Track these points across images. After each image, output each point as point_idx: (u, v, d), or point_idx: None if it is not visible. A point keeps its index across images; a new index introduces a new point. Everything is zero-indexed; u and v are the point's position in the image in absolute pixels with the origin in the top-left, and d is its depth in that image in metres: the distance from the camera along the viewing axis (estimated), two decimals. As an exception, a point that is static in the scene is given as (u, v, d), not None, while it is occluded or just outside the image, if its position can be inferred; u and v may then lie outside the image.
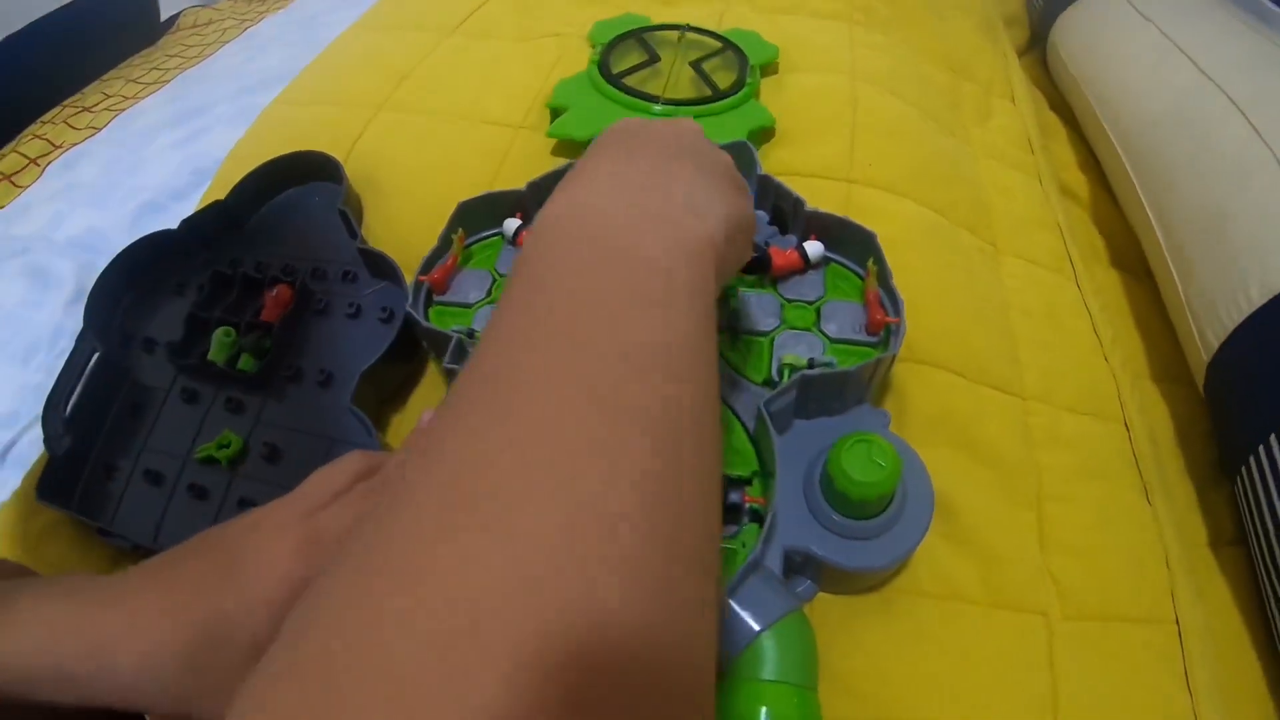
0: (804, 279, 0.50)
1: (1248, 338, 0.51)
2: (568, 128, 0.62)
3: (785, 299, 0.49)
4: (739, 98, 0.64)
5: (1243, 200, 0.55)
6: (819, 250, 0.50)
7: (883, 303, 0.47)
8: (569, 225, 0.28)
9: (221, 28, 1.17)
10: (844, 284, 0.50)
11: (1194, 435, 0.57)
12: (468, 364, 0.24)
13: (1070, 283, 0.62)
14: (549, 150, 0.64)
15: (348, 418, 0.46)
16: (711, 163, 0.34)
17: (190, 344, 0.52)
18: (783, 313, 0.48)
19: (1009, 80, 0.85)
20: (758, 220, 0.53)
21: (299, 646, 0.18)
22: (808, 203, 0.51)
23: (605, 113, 0.63)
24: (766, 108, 0.64)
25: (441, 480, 0.21)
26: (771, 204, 0.53)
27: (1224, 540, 0.53)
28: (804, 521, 0.40)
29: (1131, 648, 0.43)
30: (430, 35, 0.78)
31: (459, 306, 0.51)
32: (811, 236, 0.50)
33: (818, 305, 0.49)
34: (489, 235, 0.55)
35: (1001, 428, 0.49)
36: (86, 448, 0.51)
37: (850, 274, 0.50)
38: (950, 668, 0.40)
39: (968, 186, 0.65)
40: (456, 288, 0.51)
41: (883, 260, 0.47)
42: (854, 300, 0.49)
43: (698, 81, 0.66)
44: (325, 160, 0.59)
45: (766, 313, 0.48)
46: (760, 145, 0.63)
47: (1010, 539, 0.45)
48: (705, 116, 0.63)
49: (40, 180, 0.85)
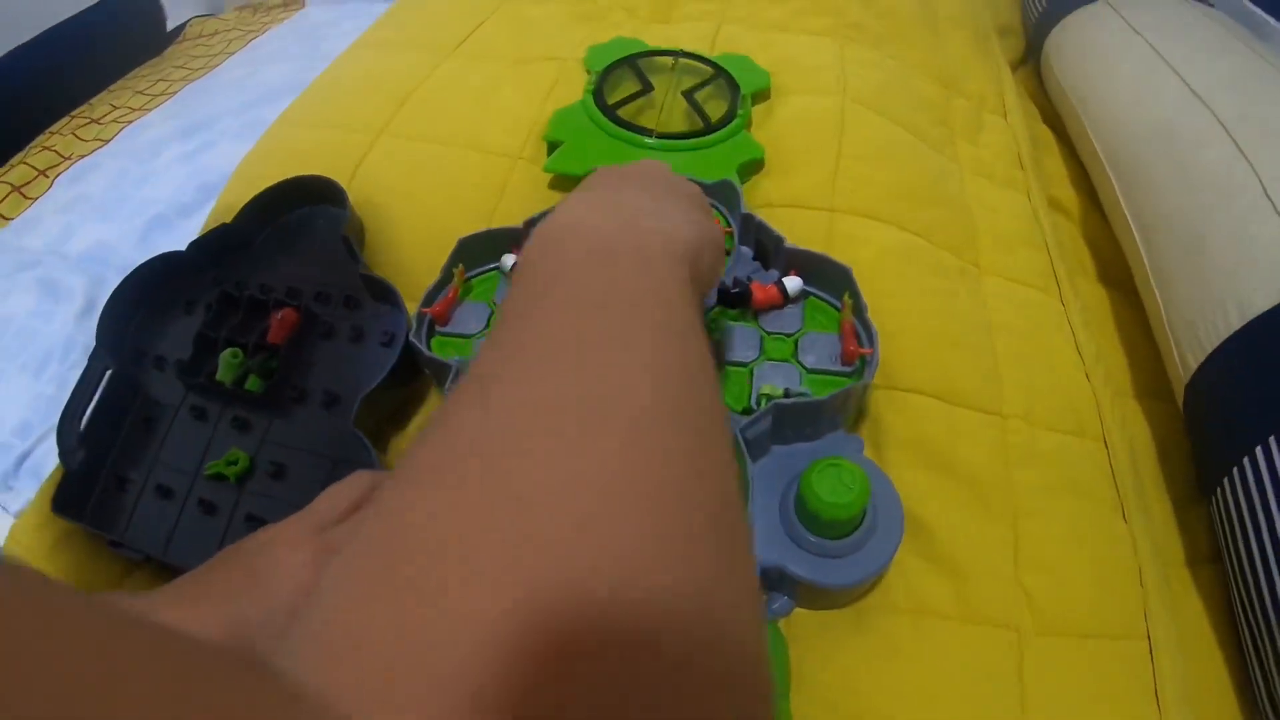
0: (783, 313, 0.52)
1: (1225, 360, 0.51)
2: (564, 163, 0.64)
3: (765, 331, 0.51)
4: (730, 129, 0.66)
5: (1224, 221, 0.56)
6: (798, 285, 0.52)
7: (857, 334, 0.49)
8: (565, 234, 0.30)
9: (227, 39, 1.19)
10: (822, 316, 0.52)
11: (1175, 453, 0.58)
12: (482, 351, 0.26)
13: (1055, 300, 0.64)
14: (546, 184, 0.65)
15: (351, 439, 0.48)
16: (681, 192, 0.38)
17: (199, 363, 0.55)
18: (762, 344, 0.51)
19: (1001, 94, 0.85)
20: (741, 256, 0.56)
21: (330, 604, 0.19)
22: (787, 240, 0.53)
23: (600, 147, 0.65)
24: (756, 140, 0.66)
25: (445, 442, 0.22)
26: (754, 240, 0.56)
27: (1201, 559, 0.54)
28: (780, 541, 0.42)
29: (1102, 663, 0.44)
30: (429, 56, 0.80)
31: (459, 337, 0.53)
32: (791, 272, 0.53)
33: (796, 337, 0.51)
34: (488, 269, 0.57)
35: (977, 447, 0.51)
36: (100, 462, 0.53)
37: (828, 306, 0.53)
38: (921, 681, 0.42)
39: (952, 207, 0.66)
40: (457, 319, 0.54)
41: (858, 294, 0.50)
42: (831, 332, 0.51)
43: (690, 114, 0.68)
44: (329, 185, 0.61)
45: (747, 344, 0.50)
46: (750, 177, 0.65)
47: (984, 555, 0.46)
48: (697, 150, 0.65)
49: (49, 192, 0.87)
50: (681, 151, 0.64)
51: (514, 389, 0.23)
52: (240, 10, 1.31)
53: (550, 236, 0.30)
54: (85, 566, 0.51)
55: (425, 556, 0.18)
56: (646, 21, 0.85)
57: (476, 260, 0.56)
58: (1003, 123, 0.81)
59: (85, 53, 1.13)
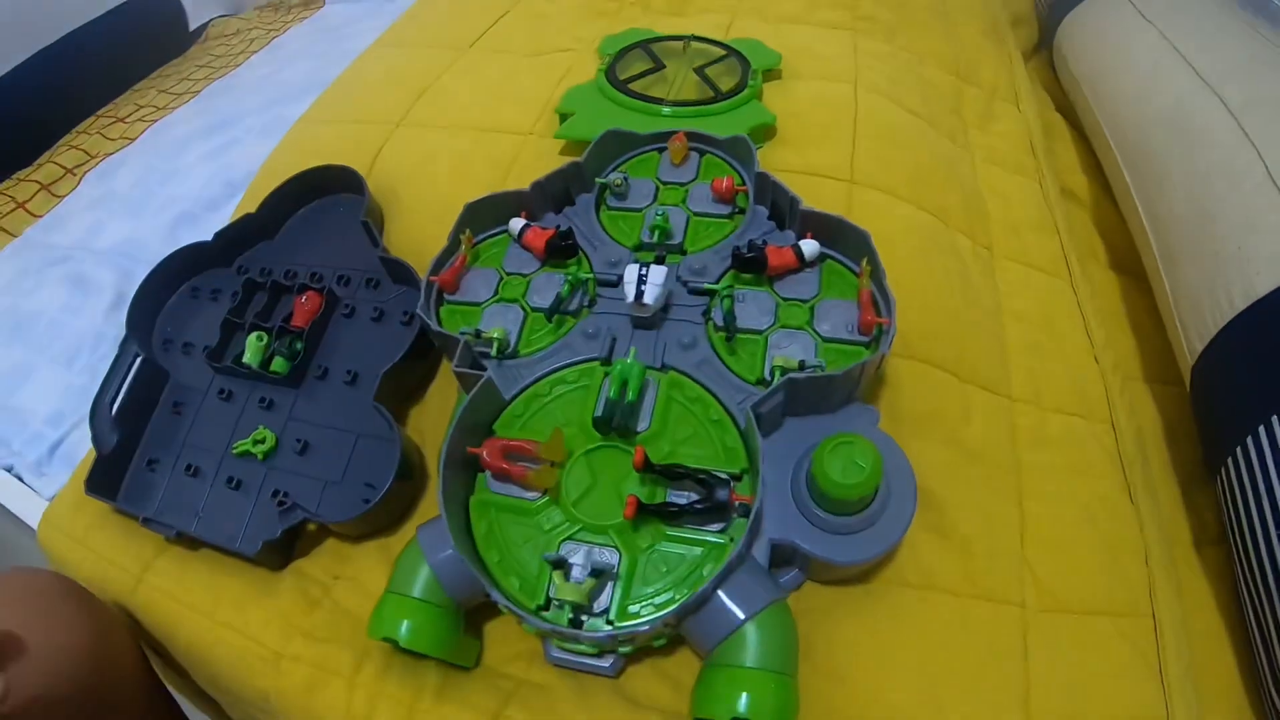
0: (799, 277, 0.51)
1: (1229, 342, 0.52)
2: (575, 129, 0.65)
3: (781, 297, 0.50)
4: (741, 98, 0.67)
5: (1229, 204, 0.56)
6: (815, 249, 0.51)
7: (875, 303, 0.48)
8: None
9: (248, 38, 1.21)
10: (839, 281, 0.51)
11: (1183, 435, 0.59)
12: None
13: (1066, 285, 0.64)
14: (557, 152, 0.67)
15: (372, 414, 0.50)
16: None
17: (225, 347, 0.57)
18: (777, 311, 0.50)
19: (1013, 83, 0.86)
20: (757, 216, 0.55)
21: None
22: (804, 201, 0.51)
23: (612, 115, 0.66)
24: (768, 108, 0.67)
25: None
26: (769, 200, 0.55)
27: (1208, 540, 0.54)
28: (791, 516, 0.42)
29: (1106, 640, 0.45)
30: (447, 53, 0.82)
31: (468, 305, 0.53)
32: (807, 235, 0.51)
33: (812, 304, 0.50)
34: (497, 233, 0.58)
35: (987, 426, 0.52)
36: (131, 444, 0.56)
37: (846, 271, 0.51)
38: (926, 654, 0.43)
39: (965, 192, 0.67)
40: (466, 287, 0.54)
41: (876, 259, 0.48)
42: (848, 299, 0.49)
43: (701, 86, 0.69)
44: (348, 173, 0.63)
45: (762, 311, 0.49)
46: (761, 143, 0.65)
47: (992, 533, 0.47)
48: (708, 116, 0.65)
49: (77, 189, 0.90)
50: (694, 118, 0.65)
51: None
52: (261, 10, 1.33)
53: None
54: (117, 546, 0.53)
55: None
56: (661, 15, 0.86)
57: (484, 226, 0.57)
58: (1015, 111, 0.82)
59: (109, 54, 1.15)
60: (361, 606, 0.47)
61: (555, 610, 0.40)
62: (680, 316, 0.50)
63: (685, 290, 0.51)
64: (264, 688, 0.46)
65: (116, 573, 0.53)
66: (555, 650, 0.42)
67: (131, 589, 0.52)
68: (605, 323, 0.50)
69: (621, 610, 0.40)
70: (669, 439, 0.45)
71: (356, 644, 0.46)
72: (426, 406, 0.56)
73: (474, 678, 0.44)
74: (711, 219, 0.56)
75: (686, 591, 0.39)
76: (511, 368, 0.49)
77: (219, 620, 0.49)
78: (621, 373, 0.45)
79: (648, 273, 0.47)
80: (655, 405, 0.46)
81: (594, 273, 0.53)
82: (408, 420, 0.55)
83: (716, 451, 0.44)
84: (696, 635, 0.40)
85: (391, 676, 0.44)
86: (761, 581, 0.40)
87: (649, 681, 0.43)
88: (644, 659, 0.44)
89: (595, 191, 0.58)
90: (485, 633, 0.46)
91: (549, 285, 0.53)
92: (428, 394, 0.56)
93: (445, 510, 0.41)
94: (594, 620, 0.40)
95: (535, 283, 0.53)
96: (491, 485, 0.44)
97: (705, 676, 0.39)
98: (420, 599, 0.41)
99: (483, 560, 0.42)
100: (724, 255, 0.52)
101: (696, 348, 0.48)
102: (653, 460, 0.42)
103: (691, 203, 0.57)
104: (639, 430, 0.45)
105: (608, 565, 0.40)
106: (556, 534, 0.42)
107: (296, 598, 0.49)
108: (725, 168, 0.59)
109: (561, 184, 0.57)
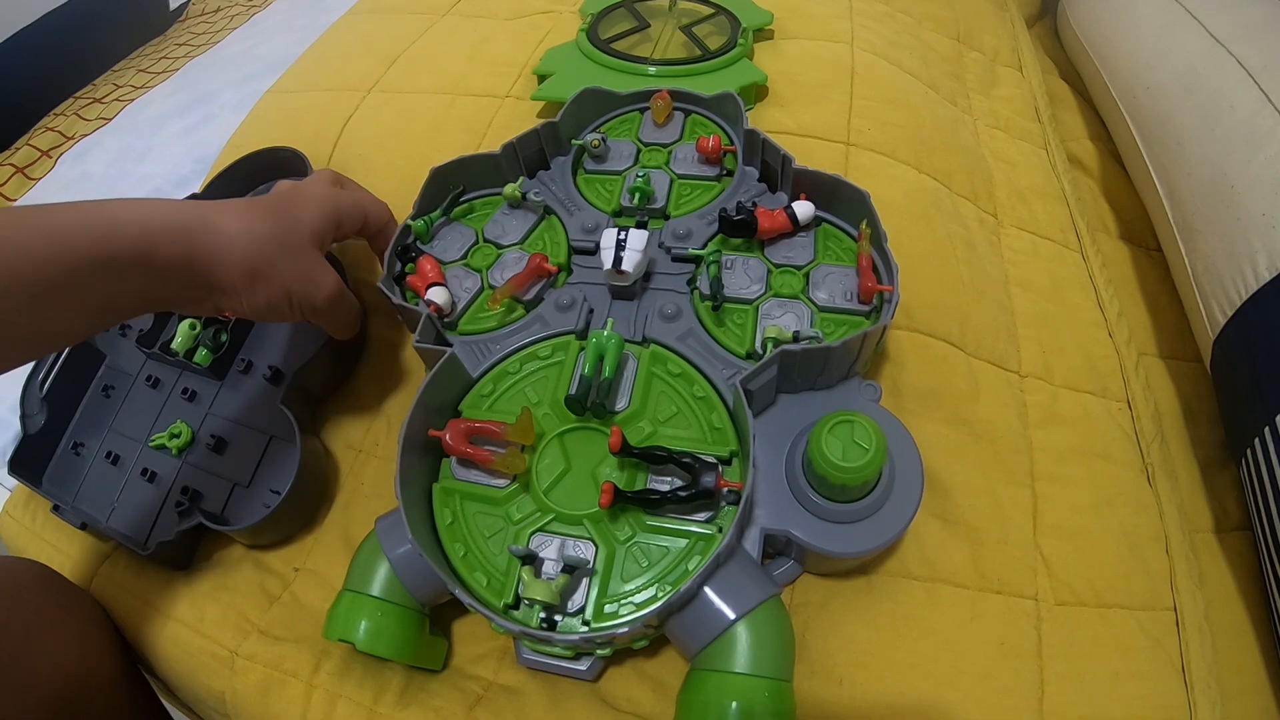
0: (793, 242, 0.47)
1: (1255, 313, 0.49)
2: (554, 90, 0.62)
3: (773, 264, 0.46)
4: (730, 57, 0.63)
5: (1251, 170, 0.53)
6: (809, 211, 0.47)
7: (876, 268, 0.44)
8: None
9: (229, 14, 1.18)
10: (836, 247, 0.47)
11: (1202, 415, 0.55)
12: None
13: (1076, 255, 0.61)
14: (535, 115, 0.63)
15: (280, 415, 0.47)
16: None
17: (158, 331, 0.54)
18: (769, 278, 0.46)
19: (1016, 48, 0.82)
20: (746, 177, 0.51)
21: None
22: (796, 160, 0.48)
23: (593, 76, 0.62)
24: (758, 67, 0.63)
25: None
26: (759, 160, 0.51)
27: (1229, 525, 0.51)
28: (785, 503, 0.39)
29: (1125, 635, 0.42)
30: (423, 18, 0.78)
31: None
32: (801, 196, 0.48)
33: (807, 270, 0.46)
34: (490, 193, 0.54)
35: (997, 404, 0.48)
36: (60, 426, 0.53)
37: (843, 235, 0.47)
38: (932, 652, 0.39)
39: (968, 156, 0.63)
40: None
41: (876, 221, 0.43)
42: (846, 265, 0.46)
43: (688, 44, 0.65)
44: (293, 156, 0.60)
45: (752, 278, 0.45)
46: (751, 104, 0.62)
47: (1003, 519, 0.44)
48: (696, 76, 0.61)
49: (52, 171, 0.87)
50: (680, 78, 0.61)
51: None
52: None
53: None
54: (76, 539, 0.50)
55: None
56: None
57: (449, 190, 0.53)
58: (1018, 76, 0.78)
59: (89, 34, 1.13)
60: (322, 601, 0.43)
61: (525, 610, 0.36)
62: (663, 285, 0.46)
63: (668, 257, 0.47)
64: (219, 688, 0.43)
65: (71, 566, 0.50)
66: (527, 651, 0.38)
67: (86, 583, 0.49)
68: (581, 293, 0.46)
69: (598, 610, 0.36)
70: (650, 419, 0.41)
71: (315, 643, 0.42)
72: (343, 407, 0.52)
73: (440, 679, 0.41)
74: (697, 181, 0.52)
75: (670, 588, 0.36)
76: (479, 342, 0.45)
77: (175, 617, 0.46)
78: (597, 346, 0.41)
79: (626, 238, 0.44)
80: (635, 382, 0.42)
81: (569, 239, 0.49)
82: (325, 423, 0.52)
83: (702, 432, 0.40)
84: (682, 637, 0.36)
85: (351, 677, 0.41)
86: (753, 576, 0.36)
87: (629, 684, 0.39)
88: (624, 660, 0.40)
89: (571, 154, 0.54)
90: (453, 630, 0.43)
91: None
92: (346, 395, 0.53)
93: (403, 499, 0.36)
94: (568, 620, 0.36)
95: (505, 258, 0.49)
96: (456, 472, 0.41)
97: (692, 681, 0.35)
98: (379, 597, 0.38)
99: (446, 554, 0.38)
100: (710, 219, 0.48)
101: (680, 319, 0.44)
102: (631, 442, 0.38)
103: (675, 165, 0.53)
104: (617, 409, 0.41)
105: (582, 560, 0.36)
106: (527, 525, 0.38)
107: (254, 592, 0.46)
108: (712, 127, 0.55)
109: (535, 146, 0.54)
